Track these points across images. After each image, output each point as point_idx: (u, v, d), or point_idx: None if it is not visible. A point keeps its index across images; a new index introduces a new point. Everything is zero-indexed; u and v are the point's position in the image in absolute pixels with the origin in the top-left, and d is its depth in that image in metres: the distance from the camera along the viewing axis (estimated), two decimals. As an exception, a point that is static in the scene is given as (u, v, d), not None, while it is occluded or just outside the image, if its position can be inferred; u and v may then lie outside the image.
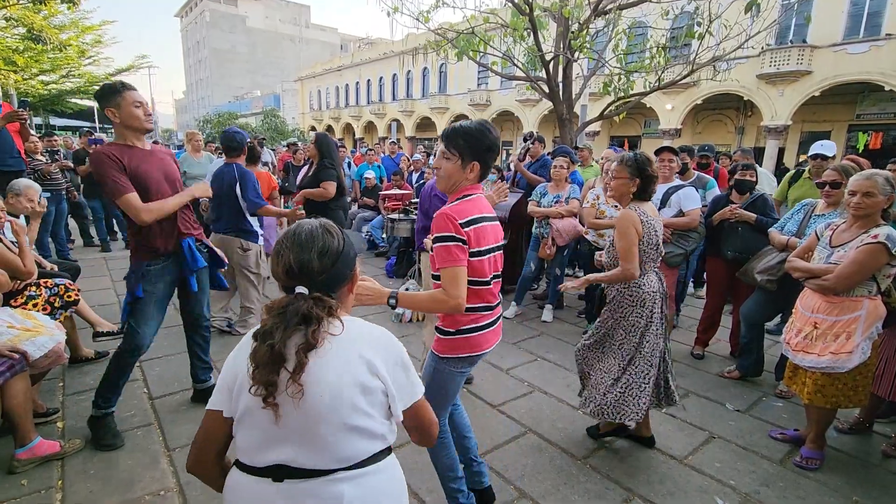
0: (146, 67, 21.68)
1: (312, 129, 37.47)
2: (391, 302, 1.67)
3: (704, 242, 3.89)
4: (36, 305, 2.88)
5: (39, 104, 18.16)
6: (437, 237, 1.68)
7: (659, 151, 3.89)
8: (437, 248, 1.68)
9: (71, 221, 6.87)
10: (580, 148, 6.20)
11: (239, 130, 3.91)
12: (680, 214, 3.69)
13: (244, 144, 3.86)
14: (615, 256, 2.46)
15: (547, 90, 6.82)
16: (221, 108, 46.61)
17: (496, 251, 1.83)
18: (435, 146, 1.99)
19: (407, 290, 4.79)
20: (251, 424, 1.04)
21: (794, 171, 4.48)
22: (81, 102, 20.84)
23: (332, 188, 4.10)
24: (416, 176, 7.92)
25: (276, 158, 10.06)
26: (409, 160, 8.79)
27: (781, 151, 19.20)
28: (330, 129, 40.92)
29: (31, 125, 6.07)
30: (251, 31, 65.01)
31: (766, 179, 5.35)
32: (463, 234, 1.66)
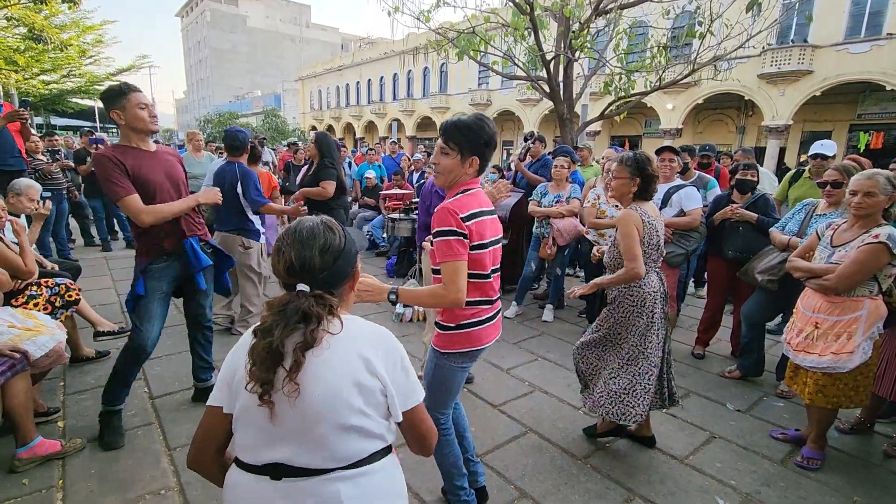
0: (147, 67, 21.72)
1: (313, 128, 37.47)
2: (391, 297, 1.67)
3: (705, 242, 3.89)
4: (37, 305, 2.88)
5: (40, 104, 18.20)
6: (437, 231, 1.68)
7: (660, 151, 3.88)
8: (437, 242, 1.68)
9: (72, 221, 6.88)
10: (580, 148, 6.20)
11: (242, 129, 3.90)
12: (681, 214, 3.69)
13: (247, 143, 3.86)
14: (615, 256, 2.45)
15: (548, 90, 6.81)
16: (222, 107, 46.66)
17: (496, 244, 1.84)
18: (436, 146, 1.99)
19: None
20: (248, 422, 1.04)
21: (794, 170, 4.47)
22: (82, 102, 20.89)
23: (330, 188, 4.10)
24: (416, 175, 7.92)
25: (276, 158, 10.08)
26: (409, 160, 8.79)
27: (782, 151, 19.19)
28: (331, 128, 40.93)
29: (31, 125, 6.07)
30: (252, 30, 65.03)
31: (767, 179, 5.34)
32: (464, 228, 1.66)
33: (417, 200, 5.06)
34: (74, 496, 2.15)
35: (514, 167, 5.41)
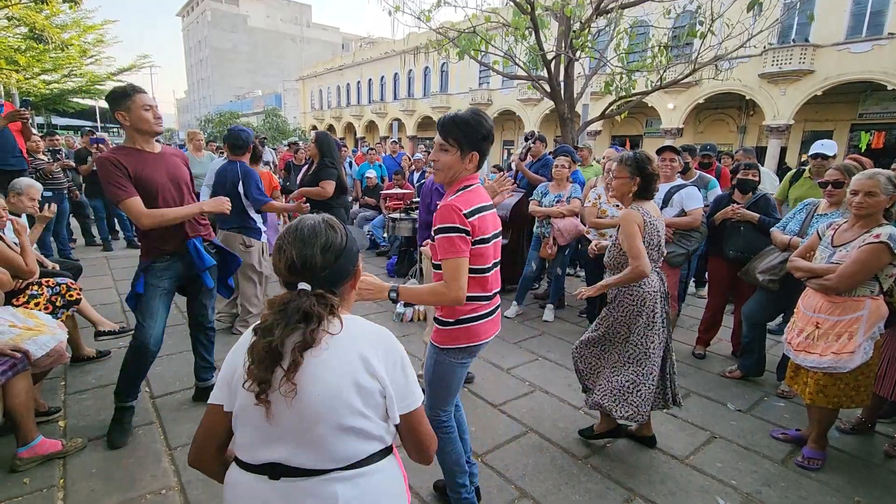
0: (148, 67, 21.74)
1: (314, 128, 37.50)
2: (392, 295, 1.67)
3: (706, 242, 3.88)
4: (38, 304, 2.88)
5: (41, 103, 18.23)
6: (441, 228, 1.68)
7: (660, 151, 3.88)
8: (439, 238, 1.68)
9: (73, 220, 6.89)
10: (580, 147, 6.19)
11: (244, 129, 3.91)
12: (682, 214, 3.69)
13: (249, 143, 3.86)
14: (615, 256, 2.45)
15: (548, 89, 6.81)
16: (223, 107, 46.70)
17: (497, 238, 1.85)
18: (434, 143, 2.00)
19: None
20: (246, 421, 1.03)
21: (794, 170, 4.47)
22: (83, 102, 20.93)
23: (330, 187, 4.10)
24: (417, 175, 7.93)
25: (277, 158, 10.08)
26: (410, 159, 8.79)
27: (783, 151, 19.17)
28: (331, 128, 40.94)
29: (32, 124, 6.09)
30: (252, 30, 65.06)
31: (768, 179, 5.34)
32: (467, 224, 1.66)
33: (418, 200, 5.06)
34: (75, 495, 2.15)
35: (514, 167, 5.41)
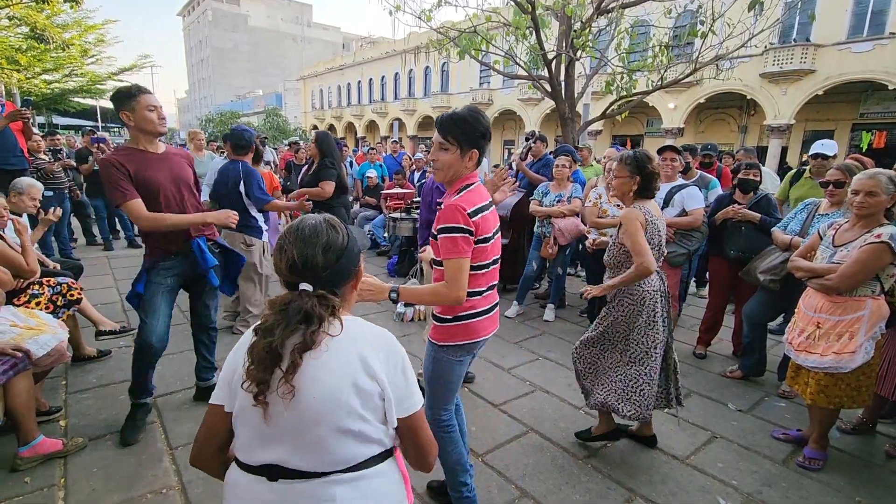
0: (149, 67, 21.74)
1: (314, 127, 37.51)
2: (392, 296, 1.68)
3: (707, 242, 3.88)
4: (39, 304, 2.89)
5: (42, 103, 18.26)
6: (445, 228, 1.68)
7: (661, 150, 3.87)
8: (443, 238, 1.69)
9: (74, 220, 6.90)
10: (580, 147, 6.19)
11: (247, 129, 3.94)
12: (683, 214, 3.69)
13: (252, 142, 3.88)
14: (615, 255, 2.44)
15: (549, 89, 6.81)
16: (223, 107, 46.74)
17: (496, 235, 1.86)
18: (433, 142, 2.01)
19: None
20: (245, 421, 1.03)
21: (795, 170, 4.46)
22: (84, 101, 20.95)
23: (329, 188, 4.10)
24: (417, 175, 7.93)
25: (277, 157, 10.09)
26: (410, 159, 8.80)
27: (784, 150, 19.15)
28: (332, 128, 40.93)
29: (33, 124, 6.09)
30: (253, 30, 65.06)
31: (769, 179, 5.33)
32: (471, 224, 1.67)
33: (419, 200, 5.06)
34: (76, 495, 2.15)
35: (515, 166, 5.41)
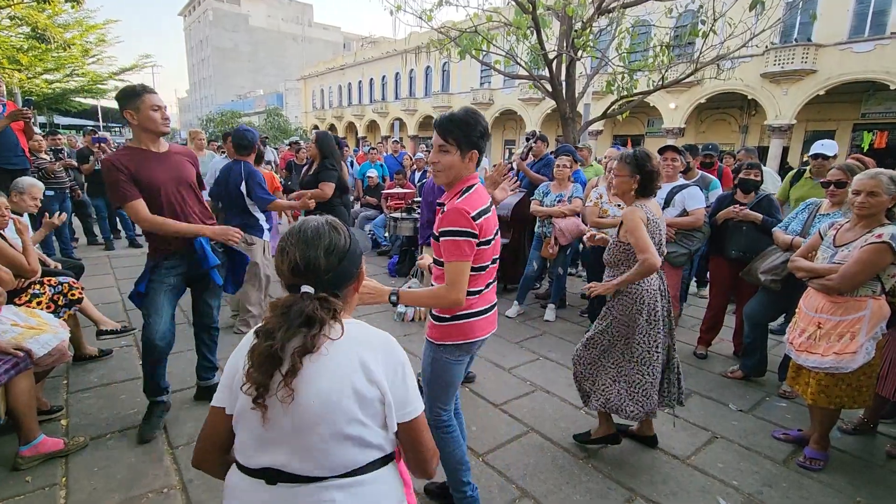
0: (150, 66, 21.74)
1: (315, 127, 37.50)
2: (392, 299, 1.69)
3: (708, 242, 3.88)
4: (40, 303, 2.89)
5: (43, 103, 18.26)
6: (448, 230, 1.68)
7: (662, 150, 3.87)
8: (445, 241, 1.69)
9: (75, 220, 6.90)
10: (580, 147, 6.18)
11: (250, 129, 3.96)
12: (684, 214, 3.68)
13: (255, 143, 3.91)
14: (615, 253, 2.44)
15: (550, 89, 6.81)
16: (224, 106, 46.75)
17: (496, 236, 1.86)
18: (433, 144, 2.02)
19: (409, 288, 4.78)
20: (244, 424, 1.03)
21: (795, 170, 4.46)
22: (85, 101, 20.94)
23: (329, 189, 4.10)
24: (418, 175, 7.93)
25: (278, 157, 10.09)
26: (411, 159, 8.79)
27: (786, 150, 19.14)
28: (332, 127, 40.94)
29: (35, 124, 6.10)
30: (254, 29, 65.10)
31: (770, 179, 5.33)
32: (475, 227, 1.68)
33: (419, 200, 5.06)
34: (77, 494, 2.16)
35: (516, 166, 5.41)
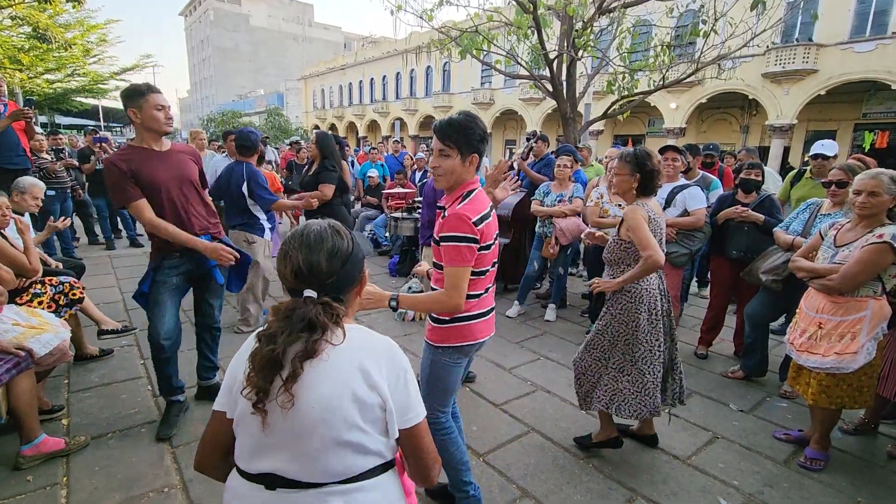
0: (151, 66, 21.77)
1: (316, 127, 37.52)
2: (392, 304, 1.69)
3: (709, 242, 3.87)
4: (41, 303, 2.90)
5: (45, 103, 18.29)
6: (450, 236, 1.68)
7: (663, 150, 3.86)
8: (446, 246, 1.69)
9: (76, 219, 6.90)
10: (581, 147, 6.18)
11: (253, 130, 4.01)
12: (685, 214, 3.68)
13: (257, 144, 3.95)
14: (615, 252, 2.43)
15: (550, 89, 6.80)
16: (225, 106, 46.77)
17: (496, 240, 1.87)
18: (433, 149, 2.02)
19: (410, 288, 4.79)
20: (244, 429, 1.02)
21: (796, 170, 4.45)
22: (86, 101, 20.96)
23: (329, 191, 4.10)
24: (419, 174, 7.93)
25: (279, 157, 10.10)
26: (412, 159, 8.79)
27: (787, 150, 19.11)
28: (333, 127, 40.96)
29: (36, 124, 6.10)
30: (254, 29, 65.13)
31: (771, 179, 5.32)
32: (477, 232, 1.68)
33: (420, 199, 5.06)
34: (78, 493, 2.16)
35: (517, 166, 5.41)
